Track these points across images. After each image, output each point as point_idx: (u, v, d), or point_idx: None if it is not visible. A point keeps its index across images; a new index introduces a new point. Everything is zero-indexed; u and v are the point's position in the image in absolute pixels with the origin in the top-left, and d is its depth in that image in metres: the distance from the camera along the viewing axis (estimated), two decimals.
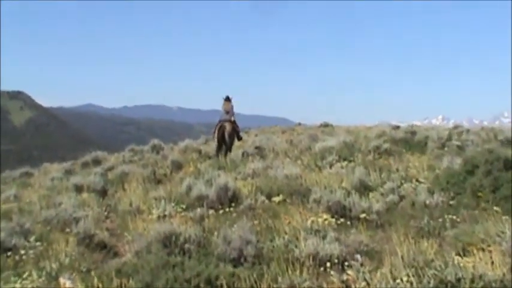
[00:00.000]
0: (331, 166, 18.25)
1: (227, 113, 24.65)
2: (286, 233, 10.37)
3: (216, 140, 24.26)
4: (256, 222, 11.48)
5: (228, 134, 24.03)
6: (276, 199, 13.78)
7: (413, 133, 24.14)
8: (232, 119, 24.65)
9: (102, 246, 11.32)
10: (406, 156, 20.19)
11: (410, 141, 23.05)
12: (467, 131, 27.37)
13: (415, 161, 18.35)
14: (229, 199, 13.83)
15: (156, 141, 29.63)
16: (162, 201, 13.81)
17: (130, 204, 14.69)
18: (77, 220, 12.81)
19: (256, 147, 25.00)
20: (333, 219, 11.08)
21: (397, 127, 43.63)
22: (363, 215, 11.42)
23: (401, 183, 14.32)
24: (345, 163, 18.55)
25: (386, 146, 21.06)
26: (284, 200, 13.82)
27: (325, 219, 10.92)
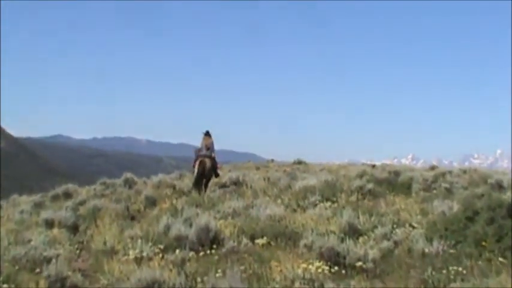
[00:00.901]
0: (314, 206, 17.52)
1: (207, 149, 24.27)
2: (277, 283, 9.60)
3: (195, 174, 23.68)
4: (242, 268, 10.67)
5: (208, 169, 23.61)
6: (260, 241, 13.01)
7: (397, 173, 23.44)
8: (213, 155, 24.33)
9: None
10: (390, 197, 19.53)
11: (394, 182, 22.35)
12: (450, 172, 26.65)
13: (401, 203, 17.68)
14: (210, 240, 13.04)
15: (128, 174, 28.66)
16: (139, 240, 12.98)
17: (105, 243, 13.80)
18: (47, 260, 11.99)
19: (234, 184, 24.28)
20: (327, 267, 10.27)
21: (373, 166, 43.15)
22: (358, 263, 10.62)
23: (394, 228, 13.57)
24: (328, 204, 17.84)
25: (370, 186, 20.36)
26: (269, 243, 13.06)
27: (318, 267, 10.11)
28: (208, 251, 12.40)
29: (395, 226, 13.82)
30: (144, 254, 12.16)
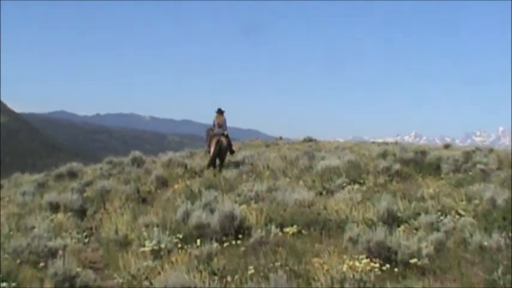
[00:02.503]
0: (341, 189, 16.08)
1: (220, 126, 23.49)
2: (322, 284, 8.17)
3: (211, 153, 22.75)
4: (277, 264, 9.20)
5: (224, 148, 22.88)
6: (290, 230, 11.55)
7: (423, 153, 21.81)
8: (226, 132, 23.51)
9: None
10: (419, 179, 18.10)
11: (421, 163, 20.79)
12: (475, 151, 24.93)
13: (433, 186, 16.24)
14: (235, 229, 11.62)
15: (136, 153, 27.05)
16: (155, 229, 11.52)
17: (116, 232, 12.38)
18: (52, 252, 10.57)
19: (249, 164, 22.83)
20: (377, 265, 8.77)
21: (386, 143, 41.60)
22: (413, 260, 9.10)
23: (439, 216, 12.05)
24: (356, 186, 16.42)
25: (396, 167, 18.86)
26: (299, 232, 11.62)
27: (367, 265, 8.63)
28: (233, 242, 11.03)
29: (439, 213, 12.31)
30: (162, 245, 10.70)
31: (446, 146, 38.58)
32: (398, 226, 11.64)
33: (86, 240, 13.00)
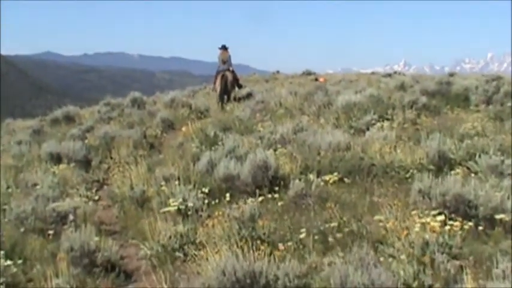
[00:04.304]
0: (371, 127, 14.40)
1: (224, 62, 23.35)
2: (397, 250, 6.63)
3: (218, 90, 22.73)
4: (332, 225, 7.64)
5: (230, 83, 22.74)
6: (330, 178, 9.98)
7: (448, 83, 20.17)
8: (231, 68, 23.28)
9: (107, 265, 7.43)
10: (450, 113, 16.63)
11: (447, 94, 19.20)
12: (498, 78, 23.05)
13: (469, 120, 14.72)
14: (269, 180, 10.07)
15: (136, 93, 25.34)
16: (176, 182, 9.96)
17: (131, 187, 10.80)
18: (61, 216, 9.05)
19: (261, 101, 21.20)
20: (456, 223, 7.12)
21: (389, 75, 39.96)
22: (499, 216, 7.37)
23: (499, 156, 10.28)
24: (386, 123, 14.76)
25: (423, 100, 17.25)
26: (341, 180, 10.05)
27: (444, 223, 7.00)
28: (268, 195, 9.46)
29: (499, 153, 10.54)
30: (190, 203, 9.09)
31: (451, 75, 36.82)
32: (451, 169, 10.07)
33: (96, 197, 11.48)
